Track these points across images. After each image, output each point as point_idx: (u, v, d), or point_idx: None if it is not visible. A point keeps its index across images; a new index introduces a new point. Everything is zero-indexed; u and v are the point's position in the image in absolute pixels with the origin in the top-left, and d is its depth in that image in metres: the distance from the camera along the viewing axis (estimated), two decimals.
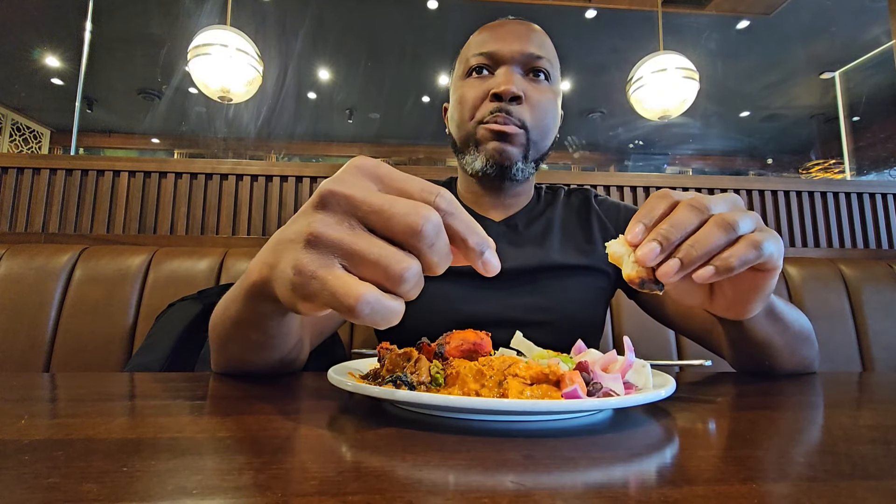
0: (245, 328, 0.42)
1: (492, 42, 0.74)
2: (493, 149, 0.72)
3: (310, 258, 0.27)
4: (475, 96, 0.73)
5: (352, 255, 0.27)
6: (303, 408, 0.38)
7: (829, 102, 5.19)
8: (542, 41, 0.75)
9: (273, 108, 5.33)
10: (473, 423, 0.32)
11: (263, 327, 0.42)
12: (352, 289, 0.26)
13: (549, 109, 0.75)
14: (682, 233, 0.35)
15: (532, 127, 0.72)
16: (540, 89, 0.74)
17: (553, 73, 0.76)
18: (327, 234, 0.27)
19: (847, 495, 0.20)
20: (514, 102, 0.71)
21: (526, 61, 0.73)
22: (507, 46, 0.73)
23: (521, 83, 0.72)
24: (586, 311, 0.75)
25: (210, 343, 0.53)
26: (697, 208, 0.36)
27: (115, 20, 4.00)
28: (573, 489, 0.21)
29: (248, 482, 0.21)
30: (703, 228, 0.35)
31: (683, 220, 0.35)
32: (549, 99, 0.75)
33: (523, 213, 0.80)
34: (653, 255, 0.35)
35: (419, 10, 4.05)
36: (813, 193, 1.65)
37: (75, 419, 0.32)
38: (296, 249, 0.28)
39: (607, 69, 4.61)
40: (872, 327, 1.16)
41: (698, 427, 0.34)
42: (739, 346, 0.57)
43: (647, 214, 0.37)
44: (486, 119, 0.71)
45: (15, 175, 1.41)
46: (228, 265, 1.12)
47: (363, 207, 0.28)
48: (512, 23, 0.77)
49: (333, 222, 0.28)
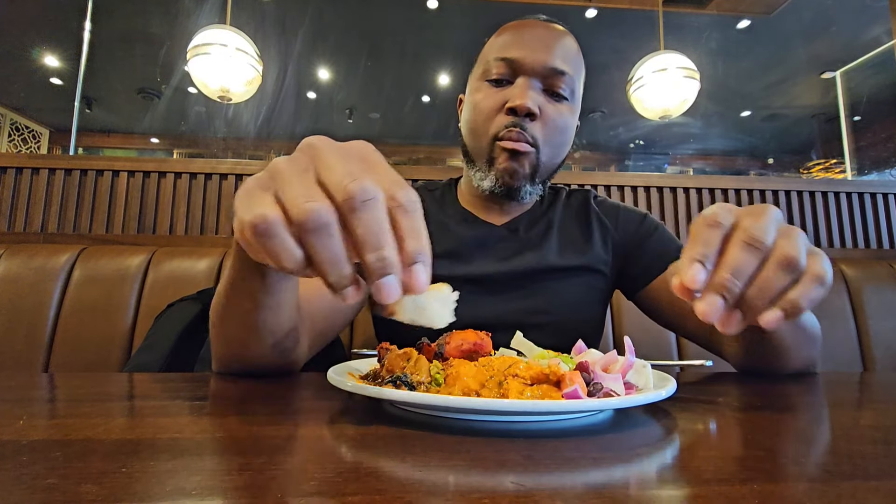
0: (237, 296, 0.45)
1: (514, 48, 0.70)
2: (503, 169, 0.70)
3: (253, 181, 0.30)
4: (490, 106, 0.71)
5: (276, 179, 0.28)
6: (303, 408, 0.38)
7: (830, 102, 5.19)
8: (566, 52, 0.71)
9: (273, 107, 5.33)
10: (473, 423, 0.32)
11: (250, 290, 0.44)
12: (263, 204, 0.27)
13: (564, 129, 0.72)
14: (745, 280, 0.32)
15: (543, 144, 0.70)
16: (557, 108, 0.71)
17: (575, 89, 0.73)
18: (276, 168, 0.29)
19: (848, 495, 0.20)
20: (529, 119, 0.69)
21: (547, 75, 0.70)
22: (530, 55, 0.69)
23: (538, 98, 0.69)
24: (585, 311, 0.75)
25: (210, 331, 0.54)
26: (755, 247, 0.32)
27: (115, 20, 4.00)
28: (573, 489, 0.21)
29: (247, 482, 0.21)
30: (767, 272, 0.32)
31: (744, 265, 0.32)
32: (566, 118, 0.72)
33: (525, 216, 0.80)
34: (718, 312, 0.32)
35: (419, 10, 4.04)
36: (814, 193, 1.65)
37: (74, 420, 0.32)
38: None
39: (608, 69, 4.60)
40: (873, 327, 1.16)
41: (698, 427, 0.34)
42: (750, 347, 0.57)
43: (703, 252, 0.32)
44: (501, 134, 0.69)
45: (14, 175, 1.41)
46: (228, 265, 1.12)
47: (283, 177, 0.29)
48: (538, 26, 0.73)
49: (280, 173, 0.29)
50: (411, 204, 0.27)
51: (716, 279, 0.32)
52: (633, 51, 3.06)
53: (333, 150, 0.29)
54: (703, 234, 0.33)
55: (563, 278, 0.74)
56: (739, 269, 0.32)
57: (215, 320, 0.51)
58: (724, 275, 0.32)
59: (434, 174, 1.46)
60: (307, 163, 0.29)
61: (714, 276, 0.32)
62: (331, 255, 0.27)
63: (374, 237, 0.26)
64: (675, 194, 1.60)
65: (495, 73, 0.71)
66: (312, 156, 0.29)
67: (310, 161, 0.29)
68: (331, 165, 0.28)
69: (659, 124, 2.92)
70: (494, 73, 0.71)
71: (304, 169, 0.28)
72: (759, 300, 0.32)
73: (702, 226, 0.33)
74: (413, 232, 0.27)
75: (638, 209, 0.83)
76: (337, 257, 0.27)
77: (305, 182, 0.27)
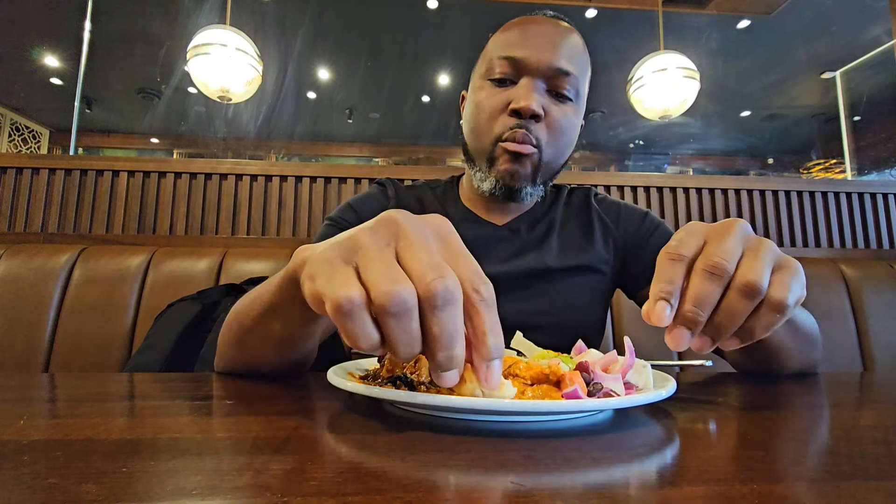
0: (271, 317, 0.44)
1: (518, 46, 0.69)
2: (504, 170, 0.69)
3: (334, 250, 0.30)
4: (493, 107, 0.69)
5: (359, 253, 0.29)
6: (303, 408, 0.38)
7: (830, 102, 5.19)
8: (572, 51, 0.70)
9: (273, 107, 5.33)
10: (473, 423, 0.32)
11: (289, 318, 0.43)
12: (348, 283, 0.27)
13: (568, 131, 0.71)
14: (708, 310, 0.33)
15: (546, 146, 0.69)
16: (562, 109, 0.70)
17: (580, 90, 0.72)
18: (358, 242, 0.29)
19: (848, 496, 0.20)
20: (533, 120, 0.68)
21: (551, 75, 0.68)
22: (535, 55, 0.68)
23: (542, 99, 0.68)
24: (586, 312, 0.75)
25: (222, 337, 0.53)
26: (717, 275, 0.33)
27: (115, 20, 4.00)
28: (573, 489, 0.21)
29: (248, 482, 0.21)
30: (728, 300, 0.33)
31: (707, 295, 0.33)
32: (570, 119, 0.71)
33: (527, 216, 0.79)
34: (686, 342, 0.34)
35: (419, 10, 4.04)
36: (814, 193, 1.65)
37: (74, 419, 0.32)
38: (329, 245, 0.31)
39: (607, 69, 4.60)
40: (873, 327, 1.16)
41: (698, 427, 0.34)
42: (749, 351, 0.57)
43: (666, 289, 0.34)
44: (504, 136, 0.68)
45: (14, 175, 1.41)
46: (228, 265, 1.12)
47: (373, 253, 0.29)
48: (544, 23, 0.71)
49: (367, 239, 0.29)
50: (491, 299, 0.29)
51: (681, 312, 0.33)
52: (633, 51, 3.06)
53: (415, 229, 0.30)
54: (666, 271, 0.34)
55: (564, 279, 0.73)
56: (702, 300, 0.33)
57: (236, 327, 0.50)
58: (689, 307, 0.33)
59: (434, 174, 1.46)
60: (389, 238, 0.29)
61: (679, 309, 0.33)
62: (407, 338, 0.27)
63: (448, 337, 0.27)
64: (674, 194, 1.60)
65: (499, 73, 0.69)
66: (394, 232, 0.29)
67: (392, 237, 0.29)
68: (413, 247, 0.28)
69: (659, 124, 2.92)
70: (498, 72, 0.70)
71: (385, 244, 0.29)
72: (722, 328, 0.33)
73: (664, 260, 0.35)
74: (493, 328, 0.28)
75: (638, 207, 0.83)
76: (412, 340, 0.27)
77: (388, 261, 0.28)
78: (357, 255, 0.29)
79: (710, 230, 0.35)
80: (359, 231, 0.30)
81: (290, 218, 1.49)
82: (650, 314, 0.33)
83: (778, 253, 0.35)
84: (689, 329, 0.33)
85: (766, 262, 0.33)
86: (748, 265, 0.33)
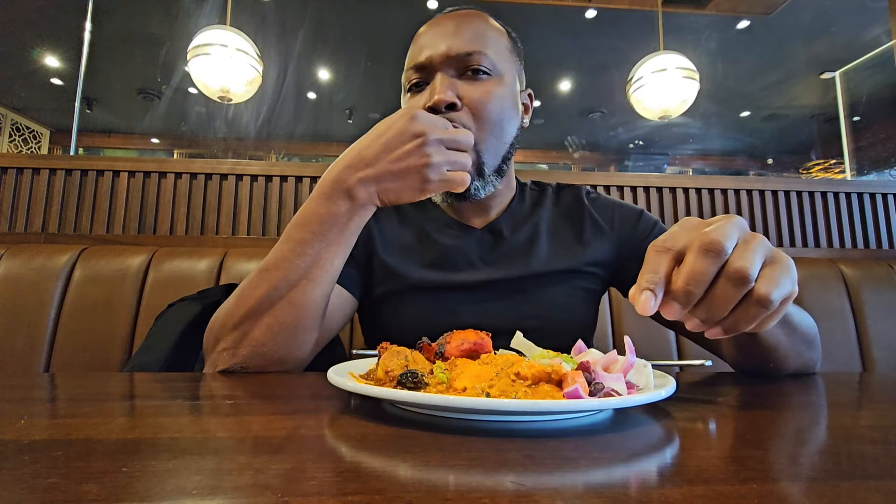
0: (309, 235, 0.55)
1: (420, 52, 0.68)
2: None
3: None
4: None
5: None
6: (303, 408, 0.38)
7: (830, 102, 5.19)
8: (474, 33, 0.67)
9: (273, 108, 5.33)
10: (473, 423, 0.32)
11: (328, 229, 0.55)
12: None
13: (496, 105, 0.66)
14: (702, 288, 0.33)
15: (477, 131, 0.65)
16: (482, 86, 0.66)
17: (497, 64, 0.68)
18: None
19: (847, 495, 0.20)
20: (451, 110, 0.64)
21: (458, 61, 0.66)
22: (435, 51, 0.66)
23: (455, 87, 0.65)
24: (577, 313, 0.74)
25: (236, 292, 0.58)
26: (712, 252, 0.33)
27: (115, 20, 4.00)
28: (574, 489, 0.21)
29: (248, 482, 0.21)
30: (717, 285, 0.33)
31: (701, 272, 0.33)
32: (494, 93, 0.66)
33: (508, 217, 0.77)
34: (677, 314, 0.34)
35: (419, 10, 4.04)
36: (813, 193, 1.65)
37: (75, 419, 0.32)
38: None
39: (607, 69, 4.60)
40: (872, 327, 1.16)
41: (698, 427, 0.34)
42: (745, 350, 0.57)
43: (652, 279, 0.34)
44: None
45: (14, 175, 1.41)
46: (228, 265, 1.12)
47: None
48: (442, 20, 0.70)
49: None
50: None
51: (674, 287, 0.34)
52: (633, 51, 3.06)
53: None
54: (652, 261, 0.35)
55: (553, 283, 0.72)
56: (696, 277, 0.33)
57: (254, 278, 0.57)
58: (682, 282, 0.33)
59: None
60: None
61: (673, 285, 0.34)
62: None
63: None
64: (674, 194, 1.60)
65: (414, 81, 0.69)
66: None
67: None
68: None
69: (658, 124, 2.92)
70: (413, 81, 0.69)
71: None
72: (712, 313, 0.34)
73: (651, 252, 0.35)
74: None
75: (633, 206, 0.81)
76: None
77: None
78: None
79: (704, 224, 0.36)
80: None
81: (290, 218, 1.49)
82: (635, 304, 0.34)
83: (770, 247, 0.35)
84: (680, 304, 0.34)
85: (757, 253, 0.34)
86: (739, 253, 0.33)
